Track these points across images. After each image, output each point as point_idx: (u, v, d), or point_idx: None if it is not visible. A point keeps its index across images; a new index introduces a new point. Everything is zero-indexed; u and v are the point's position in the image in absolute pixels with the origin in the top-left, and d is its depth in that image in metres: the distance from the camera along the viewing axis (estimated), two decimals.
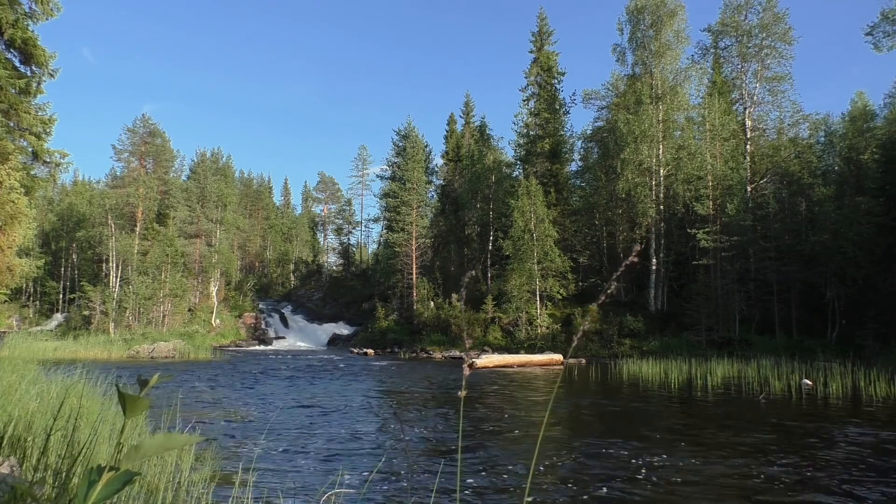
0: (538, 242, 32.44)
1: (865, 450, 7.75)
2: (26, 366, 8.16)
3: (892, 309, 21.69)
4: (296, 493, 5.55)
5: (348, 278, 60.76)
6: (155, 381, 0.92)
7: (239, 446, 7.72)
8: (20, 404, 4.61)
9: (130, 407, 0.86)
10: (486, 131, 43.78)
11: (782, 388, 14.65)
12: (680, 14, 32.27)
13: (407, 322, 40.83)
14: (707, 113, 30.37)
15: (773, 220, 27.56)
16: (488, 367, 22.99)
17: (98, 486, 0.84)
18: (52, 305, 54.59)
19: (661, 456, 7.37)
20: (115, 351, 28.51)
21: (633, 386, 16.21)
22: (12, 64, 16.50)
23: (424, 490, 5.83)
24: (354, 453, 7.49)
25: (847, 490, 5.90)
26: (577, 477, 6.34)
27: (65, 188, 65.56)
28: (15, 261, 17.31)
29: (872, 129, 28.89)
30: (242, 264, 66.22)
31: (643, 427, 9.74)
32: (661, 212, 31.84)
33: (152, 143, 48.07)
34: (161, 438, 0.85)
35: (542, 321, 32.16)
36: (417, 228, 43.67)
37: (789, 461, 7.11)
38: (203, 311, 44.05)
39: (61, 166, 18.39)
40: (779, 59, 31.83)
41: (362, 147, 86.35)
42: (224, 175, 54.96)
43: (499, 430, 9.14)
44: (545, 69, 39.22)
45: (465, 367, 1.30)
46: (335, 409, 11.56)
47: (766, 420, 10.33)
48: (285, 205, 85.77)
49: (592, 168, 38.29)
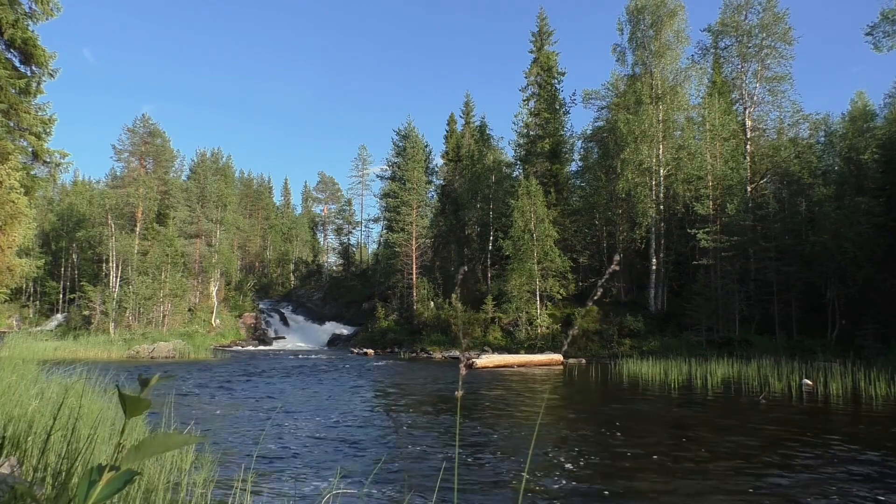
0: (538, 242, 32.43)
1: (865, 450, 7.75)
2: (26, 366, 8.16)
3: (892, 309, 21.68)
4: (296, 493, 5.55)
5: (348, 278, 60.75)
6: (155, 381, 0.92)
7: (238, 446, 7.72)
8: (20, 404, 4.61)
9: (131, 407, 0.86)
10: (486, 131, 43.76)
11: (782, 389, 14.65)
12: (680, 14, 32.25)
13: (407, 322, 40.83)
14: (707, 113, 30.35)
15: (773, 220, 27.55)
16: (488, 367, 22.99)
17: (98, 486, 0.84)
18: (52, 305, 54.58)
19: (661, 456, 7.37)
20: (115, 351, 28.51)
21: (633, 386, 16.21)
22: (12, 64, 16.50)
23: (424, 490, 5.83)
24: (354, 453, 7.49)
25: (847, 490, 5.90)
26: (575, 477, 6.34)
27: (65, 188, 65.58)
28: (15, 261, 17.31)
29: (872, 129, 28.87)
30: (242, 264, 66.21)
31: (643, 427, 9.74)
32: (661, 212, 31.83)
33: (152, 143, 48.05)
34: (161, 438, 0.85)
35: (542, 321, 32.15)
36: (417, 228, 43.67)
37: (789, 461, 7.11)
38: (203, 311, 44.04)
39: (61, 166, 18.38)
40: (779, 59, 31.83)
41: (362, 147, 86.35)
42: (224, 175, 54.93)
43: (498, 430, 9.13)
44: (545, 69, 39.22)
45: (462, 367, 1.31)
46: (335, 409, 11.56)
47: (767, 420, 10.33)
48: (285, 205, 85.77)
49: (592, 168, 38.27)
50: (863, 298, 23.11)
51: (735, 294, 26.90)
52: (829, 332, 24.25)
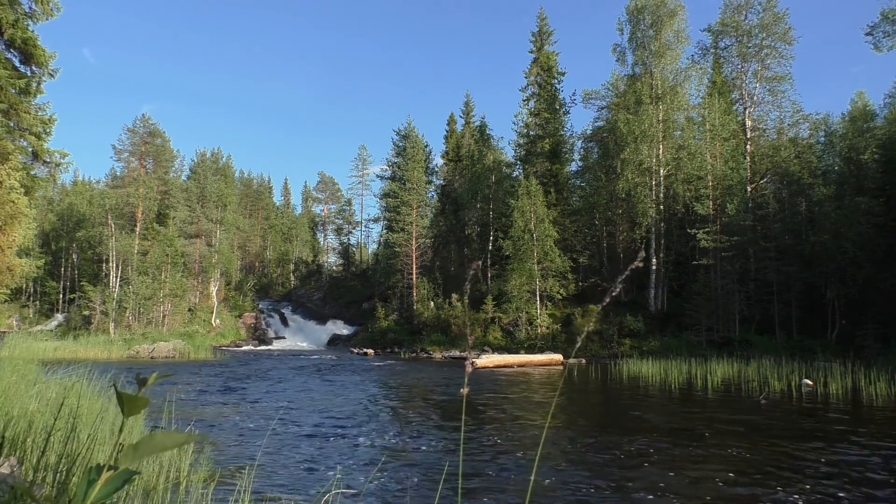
0: (538, 242, 32.43)
1: (865, 450, 7.75)
2: (26, 366, 8.16)
3: (892, 309, 21.68)
4: (295, 493, 5.55)
5: (348, 278, 60.75)
6: (153, 380, 0.92)
7: (238, 446, 7.72)
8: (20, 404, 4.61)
9: (129, 406, 0.86)
10: (486, 131, 43.76)
11: (782, 389, 14.65)
12: (680, 14, 32.25)
13: (407, 322, 40.83)
14: (707, 113, 30.34)
15: (773, 220, 27.54)
16: (488, 367, 22.99)
17: (97, 486, 0.84)
18: (52, 305, 54.57)
19: (661, 456, 7.38)
20: (115, 351, 28.51)
21: (634, 386, 16.21)
22: (12, 64, 16.50)
23: (424, 489, 5.83)
24: (354, 453, 7.49)
25: (848, 490, 5.90)
26: (578, 477, 6.34)
27: (65, 188, 65.56)
28: (15, 261, 17.31)
29: (872, 129, 28.86)
30: (242, 264, 66.22)
31: (643, 427, 9.74)
32: (661, 212, 31.83)
33: (152, 143, 48.07)
34: (159, 437, 0.85)
35: (542, 321, 32.15)
36: (417, 228, 43.67)
37: (789, 461, 7.11)
38: (203, 311, 44.05)
39: (61, 166, 18.38)
40: (779, 59, 31.82)
41: (362, 147, 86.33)
42: (224, 175, 54.94)
43: (499, 430, 9.13)
44: (545, 69, 39.22)
45: (468, 365, 1.30)
46: (335, 409, 11.55)
47: (767, 420, 10.33)
48: (285, 205, 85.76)
49: (592, 168, 38.27)
50: (863, 298, 23.11)
51: (735, 294, 26.90)
52: (829, 332, 24.24)
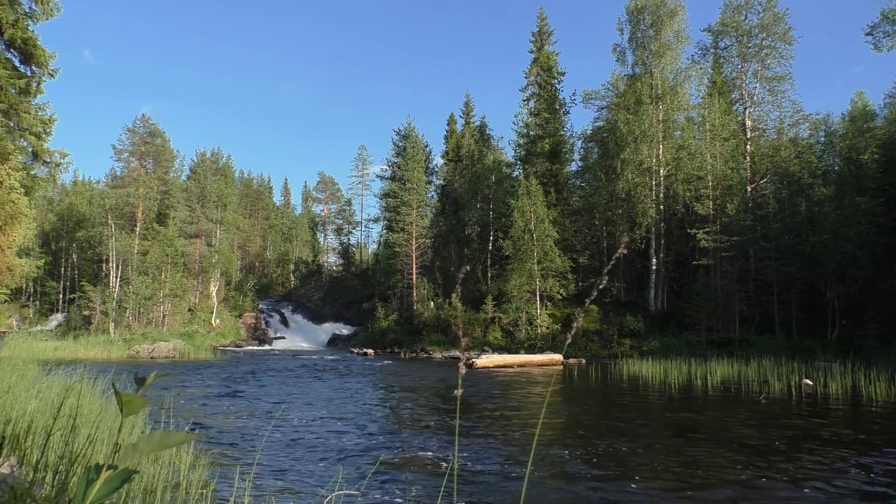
0: (538, 242, 32.42)
1: (865, 450, 7.75)
2: (26, 366, 8.17)
3: (892, 309, 21.67)
4: (295, 493, 5.55)
5: (348, 278, 60.75)
6: (151, 379, 0.92)
7: (238, 446, 7.72)
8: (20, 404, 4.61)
9: (127, 405, 0.86)
10: (486, 131, 43.77)
11: (782, 389, 14.64)
12: (680, 14, 32.25)
13: (407, 322, 40.82)
14: (707, 113, 30.34)
15: (773, 220, 27.54)
16: (488, 367, 22.99)
17: (96, 485, 0.84)
18: (52, 305, 54.57)
19: (661, 456, 7.38)
20: (115, 351, 28.51)
21: (633, 386, 16.21)
22: (12, 64, 16.49)
23: (424, 489, 5.83)
24: (353, 453, 7.49)
25: (848, 490, 5.90)
26: (574, 476, 6.34)
27: (65, 188, 65.53)
28: (15, 261, 17.30)
29: (872, 129, 28.86)
30: (242, 264, 66.20)
31: (643, 427, 9.75)
32: (661, 212, 31.83)
33: (152, 143, 48.04)
34: (158, 436, 0.85)
35: (542, 321, 32.15)
36: (417, 228, 43.66)
37: (789, 461, 7.11)
38: (203, 311, 44.04)
39: (61, 166, 18.37)
40: (779, 60, 31.81)
41: (362, 147, 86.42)
42: (224, 175, 54.95)
43: (497, 430, 9.14)
44: (545, 69, 39.21)
45: (461, 367, 1.30)
46: (335, 409, 11.56)
47: (767, 420, 10.33)
48: (285, 205, 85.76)
49: (592, 168, 38.25)
50: (863, 298, 23.10)
51: (735, 294, 26.89)
52: (829, 332, 24.24)
